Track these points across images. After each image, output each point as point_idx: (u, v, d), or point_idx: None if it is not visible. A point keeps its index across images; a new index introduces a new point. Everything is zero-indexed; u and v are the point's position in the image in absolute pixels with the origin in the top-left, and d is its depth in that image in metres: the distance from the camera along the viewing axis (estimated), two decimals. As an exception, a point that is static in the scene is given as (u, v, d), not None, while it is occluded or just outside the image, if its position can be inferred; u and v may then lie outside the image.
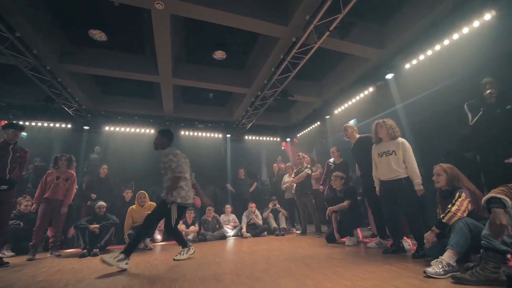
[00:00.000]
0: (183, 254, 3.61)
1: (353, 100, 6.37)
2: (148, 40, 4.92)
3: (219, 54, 4.92)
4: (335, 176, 4.83)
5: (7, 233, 3.88)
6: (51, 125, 7.39)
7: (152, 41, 4.62)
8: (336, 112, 7.06)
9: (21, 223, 4.74)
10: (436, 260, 2.37)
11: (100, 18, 4.28)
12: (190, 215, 5.88)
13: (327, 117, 7.43)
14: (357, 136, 4.16)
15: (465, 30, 3.83)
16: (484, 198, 2.41)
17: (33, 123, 7.16)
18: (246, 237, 5.87)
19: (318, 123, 7.94)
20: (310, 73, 6.27)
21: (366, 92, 5.95)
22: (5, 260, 3.66)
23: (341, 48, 4.84)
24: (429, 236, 2.65)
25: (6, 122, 6.65)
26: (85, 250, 4.27)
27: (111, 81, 6.45)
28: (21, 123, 6.25)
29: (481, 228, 2.30)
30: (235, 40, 5.04)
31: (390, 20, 4.71)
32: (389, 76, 5.23)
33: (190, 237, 5.45)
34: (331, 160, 5.61)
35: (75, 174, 4.83)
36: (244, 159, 9.05)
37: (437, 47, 4.24)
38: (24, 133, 6.71)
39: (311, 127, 8.45)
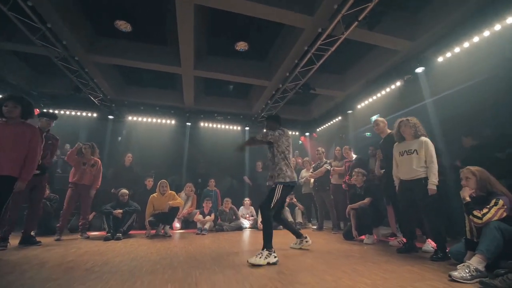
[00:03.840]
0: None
1: (378, 95, 6.12)
2: (171, 31, 4.95)
3: (242, 45, 4.87)
4: (357, 172, 4.71)
5: (40, 215, 4.15)
6: (78, 113, 7.75)
7: (175, 32, 4.65)
8: (359, 106, 6.83)
9: (48, 203, 5.03)
10: (463, 264, 2.27)
11: (125, 8, 4.35)
12: (207, 205, 5.99)
13: (349, 111, 7.22)
14: (388, 131, 4.04)
15: (510, 20, 3.51)
16: (520, 202, 2.25)
17: (62, 112, 7.53)
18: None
19: (340, 117, 7.74)
20: (333, 66, 6.07)
21: (392, 86, 5.69)
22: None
23: (368, 39, 4.63)
24: None
25: (38, 110, 7.10)
26: (109, 234, 4.49)
27: (134, 72, 6.61)
28: (52, 111, 6.66)
29: (515, 234, 2.17)
30: (258, 30, 4.95)
31: (422, 9, 4.41)
32: (419, 69, 4.95)
33: (206, 226, 5.57)
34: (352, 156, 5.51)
35: (100, 161, 5.04)
36: (261, 152, 9.04)
37: (476, 39, 3.93)
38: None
39: (331, 122, 8.26)
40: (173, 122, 8.36)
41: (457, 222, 3.57)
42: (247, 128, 8.92)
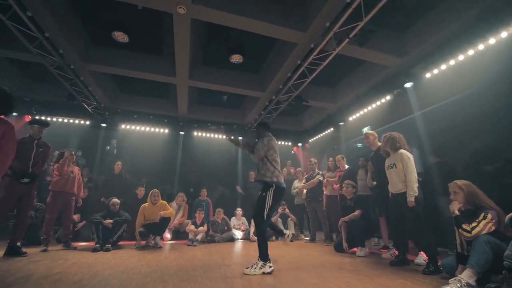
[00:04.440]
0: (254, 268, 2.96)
1: (369, 108, 6.28)
2: (167, 42, 5.02)
3: (236, 58, 4.96)
4: (346, 184, 4.77)
5: (27, 224, 4.03)
6: (71, 121, 7.66)
7: (171, 43, 4.72)
8: (350, 119, 6.97)
9: (34, 213, 4.88)
10: (454, 278, 2.31)
11: (123, 20, 4.40)
12: (200, 215, 5.93)
13: (341, 123, 7.35)
14: (379, 144, 4.12)
15: (492, 40, 3.72)
16: (508, 216, 2.32)
17: (54, 119, 7.43)
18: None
19: (332, 129, 7.86)
20: (325, 79, 6.22)
21: (383, 100, 5.86)
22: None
23: (359, 55, 4.79)
24: None
25: (30, 117, 6.99)
26: (98, 245, 4.37)
27: (129, 81, 6.62)
28: (44, 118, 6.58)
29: (503, 247, 2.23)
30: (253, 44, 5.07)
31: (410, 28, 4.62)
32: (408, 84, 5.13)
33: (199, 237, 5.50)
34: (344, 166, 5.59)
35: (79, 169, 4.99)
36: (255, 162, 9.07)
37: (461, 57, 4.14)
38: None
39: (323, 133, 8.38)
40: (166, 131, 8.34)
41: (449, 234, 3.65)
42: (240, 138, 8.94)
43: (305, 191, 6.05)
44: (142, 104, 7.67)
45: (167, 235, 5.87)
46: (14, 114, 7.11)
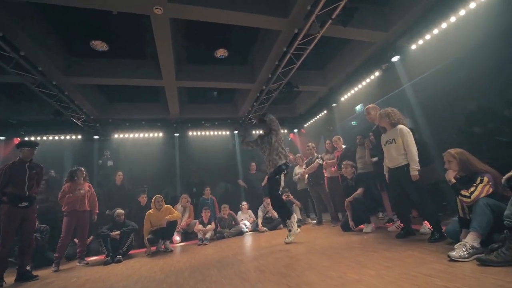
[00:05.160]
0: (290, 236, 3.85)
1: (359, 86, 6.27)
2: (149, 45, 4.91)
3: (221, 52, 4.89)
4: (345, 164, 4.80)
5: (33, 248, 4.02)
6: (62, 137, 7.54)
7: (153, 45, 4.62)
8: (342, 99, 6.97)
9: (39, 235, 4.87)
10: (459, 243, 2.36)
11: (99, 28, 4.29)
12: (206, 214, 5.97)
13: (334, 104, 7.35)
14: None
15: (472, 4, 3.70)
16: (505, 177, 2.36)
17: (45, 137, 7.31)
18: (263, 231, 5.94)
19: (325, 111, 7.87)
20: (313, 62, 6.17)
21: (372, 77, 5.85)
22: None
23: (344, 35, 4.74)
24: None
25: (19, 139, 6.85)
26: (109, 257, 4.39)
27: (116, 89, 6.51)
28: (33, 139, 6.45)
29: (503, 207, 2.27)
30: (236, 36, 4.99)
31: (391, 1, 4.57)
32: (395, 58, 5.12)
33: (208, 235, 5.54)
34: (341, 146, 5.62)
35: (91, 185, 5.00)
36: (254, 153, 9.07)
37: (444, 25, 4.12)
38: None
39: (318, 116, 8.38)
40: (160, 134, 8.27)
41: (450, 200, 3.73)
42: (235, 132, 8.92)
43: (306, 176, 6.09)
44: (133, 111, 7.57)
45: (177, 237, 5.91)
46: (2, 138, 6.98)
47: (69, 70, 5.17)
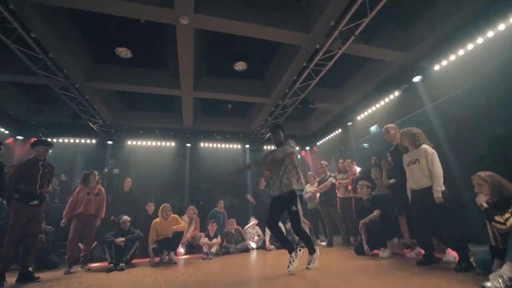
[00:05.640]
0: (314, 262, 3.33)
1: (377, 105, 6.19)
2: (171, 55, 5.04)
3: (240, 66, 4.95)
4: (361, 185, 4.63)
5: (37, 248, 3.94)
6: (77, 141, 7.66)
7: (174, 55, 4.72)
8: (359, 118, 6.88)
9: (44, 236, 4.80)
10: (494, 273, 2.15)
11: (125, 36, 4.43)
12: (213, 227, 5.80)
13: (349, 123, 7.25)
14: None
15: (501, 26, 3.65)
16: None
17: (60, 140, 7.44)
18: (270, 250, 5.70)
19: (340, 130, 7.76)
20: (329, 80, 6.16)
21: (391, 96, 5.78)
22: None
23: (364, 53, 4.75)
24: None
25: (35, 139, 6.99)
26: (112, 265, 4.26)
27: (133, 97, 6.63)
28: (49, 139, 6.56)
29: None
30: (255, 50, 5.06)
31: (414, 22, 4.59)
32: (416, 78, 5.05)
33: (213, 250, 5.34)
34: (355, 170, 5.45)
35: (103, 189, 4.94)
36: (263, 169, 8.94)
37: (470, 46, 4.07)
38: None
39: (331, 135, 8.28)
40: (172, 144, 8.31)
41: (476, 229, 3.48)
42: (247, 146, 8.87)
43: (318, 195, 5.90)
44: (147, 119, 7.67)
45: (181, 249, 5.73)
46: (20, 137, 7.14)
47: (91, 74, 5.32)
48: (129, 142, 7.93)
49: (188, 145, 8.41)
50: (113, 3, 3.58)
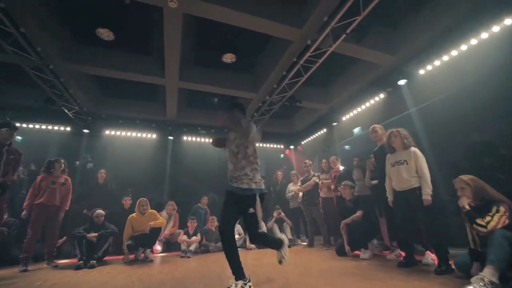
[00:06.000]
0: (285, 255, 2.74)
1: (362, 107, 6.26)
2: (156, 40, 4.77)
3: (229, 58, 4.79)
4: (344, 185, 4.64)
5: (-2, 241, 3.59)
6: (49, 128, 7.12)
7: (160, 42, 4.48)
8: (344, 118, 6.94)
9: (6, 229, 4.42)
10: (476, 277, 2.16)
11: (108, 16, 4.12)
12: (192, 224, 5.60)
13: (334, 123, 7.30)
14: (385, 139, 4.01)
15: (484, 35, 3.76)
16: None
17: (30, 125, 6.89)
18: (251, 249, 5.61)
19: (324, 130, 7.80)
20: (317, 79, 6.14)
21: (376, 98, 5.86)
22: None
23: (353, 53, 4.75)
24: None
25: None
26: (81, 262, 3.96)
27: (114, 83, 6.25)
28: (18, 124, 6.04)
29: (521, 241, 2.13)
30: (245, 42, 4.91)
31: (402, 25, 4.64)
32: (402, 82, 5.13)
33: (192, 248, 5.16)
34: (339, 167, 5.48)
35: (70, 179, 4.59)
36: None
37: (454, 53, 4.17)
38: (18, 137, 6.42)
39: (316, 135, 8.30)
40: (154, 136, 7.97)
41: (453, 232, 3.56)
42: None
43: (301, 194, 5.87)
44: (128, 108, 7.28)
45: (158, 247, 5.49)
46: (-16, 121, 6.54)
47: (68, 55, 4.91)
48: (107, 132, 7.50)
49: (171, 138, 8.10)
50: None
